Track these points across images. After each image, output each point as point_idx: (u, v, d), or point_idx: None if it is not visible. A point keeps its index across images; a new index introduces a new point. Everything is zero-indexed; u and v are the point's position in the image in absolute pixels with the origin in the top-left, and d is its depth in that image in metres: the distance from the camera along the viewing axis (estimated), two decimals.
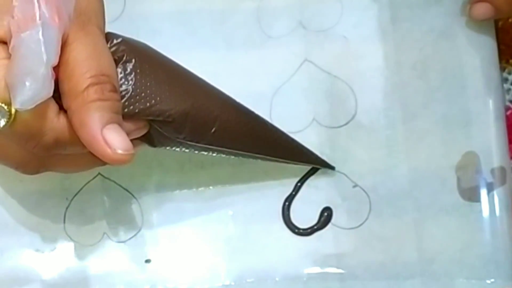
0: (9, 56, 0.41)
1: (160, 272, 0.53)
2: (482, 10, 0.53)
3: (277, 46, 0.55)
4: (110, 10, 0.50)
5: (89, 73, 0.42)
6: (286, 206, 0.54)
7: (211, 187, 0.54)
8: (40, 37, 0.40)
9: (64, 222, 0.54)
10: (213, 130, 0.48)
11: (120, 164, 0.43)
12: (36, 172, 0.46)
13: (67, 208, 0.54)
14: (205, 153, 0.49)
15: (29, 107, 0.40)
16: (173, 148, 0.49)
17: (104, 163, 0.44)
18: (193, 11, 0.55)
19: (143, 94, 0.45)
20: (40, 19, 0.40)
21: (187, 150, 0.49)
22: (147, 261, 0.53)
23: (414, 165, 0.54)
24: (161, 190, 0.54)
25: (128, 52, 0.46)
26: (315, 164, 0.54)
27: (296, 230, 0.54)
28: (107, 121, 0.42)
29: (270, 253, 0.53)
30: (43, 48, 0.40)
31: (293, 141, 0.53)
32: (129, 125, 0.45)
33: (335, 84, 0.55)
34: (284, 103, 0.55)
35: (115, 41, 0.46)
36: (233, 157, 0.51)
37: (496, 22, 0.55)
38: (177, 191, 0.54)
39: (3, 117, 0.41)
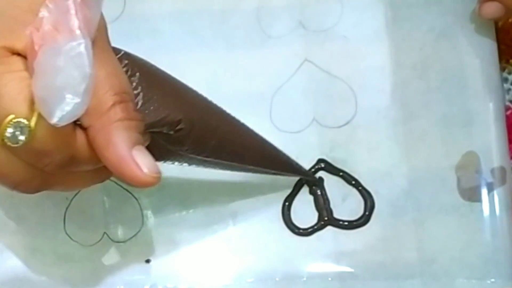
0: (26, 68, 0.39)
1: (160, 272, 0.53)
2: (492, 9, 0.53)
3: (277, 46, 0.55)
4: (110, 10, 0.50)
5: (113, 91, 0.40)
6: (286, 206, 0.54)
7: (211, 187, 0.54)
8: (83, 50, 0.37)
9: (64, 222, 0.54)
10: (212, 143, 0.47)
11: (147, 186, 0.41)
12: (36, 191, 0.43)
13: (67, 208, 0.54)
14: (202, 166, 0.49)
15: (65, 123, 0.37)
16: (173, 162, 0.48)
17: (103, 180, 0.43)
18: (193, 11, 0.55)
19: (152, 108, 0.44)
20: (80, 31, 0.37)
21: (185, 164, 0.48)
22: (147, 261, 0.53)
23: (414, 165, 0.54)
24: (161, 190, 0.54)
25: (132, 66, 0.44)
26: (302, 176, 0.54)
27: (296, 230, 0.54)
28: (135, 141, 0.41)
29: (270, 253, 0.53)
30: (87, 61, 0.37)
31: (282, 154, 0.52)
32: None
33: (335, 84, 0.55)
34: (284, 103, 0.55)
35: (117, 56, 0.44)
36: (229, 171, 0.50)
37: (496, 22, 0.55)
38: (177, 191, 0.54)
39: (22, 133, 0.38)
